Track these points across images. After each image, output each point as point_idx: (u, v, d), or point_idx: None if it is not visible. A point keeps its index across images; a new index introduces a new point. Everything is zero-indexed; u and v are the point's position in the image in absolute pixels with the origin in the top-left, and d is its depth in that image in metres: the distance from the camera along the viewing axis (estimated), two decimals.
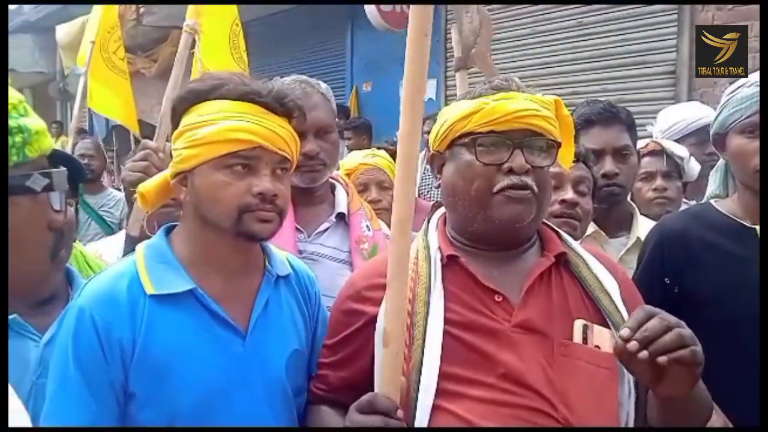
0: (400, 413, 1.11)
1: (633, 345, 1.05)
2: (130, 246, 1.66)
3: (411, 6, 1.14)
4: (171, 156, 1.70)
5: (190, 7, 2.05)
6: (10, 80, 0.77)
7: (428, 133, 1.48)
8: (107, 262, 1.91)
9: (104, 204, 4.35)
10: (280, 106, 1.29)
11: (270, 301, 1.34)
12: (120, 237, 2.41)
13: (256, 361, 1.29)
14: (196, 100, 1.29)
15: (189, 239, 1.32)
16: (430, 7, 1.14)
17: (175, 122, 1.33)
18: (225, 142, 1.24)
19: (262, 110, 1.27)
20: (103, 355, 1.20)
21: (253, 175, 1.26)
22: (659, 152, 2.37)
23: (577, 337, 1.22)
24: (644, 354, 1.05)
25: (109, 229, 4.26)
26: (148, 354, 1.22)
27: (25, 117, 0.74)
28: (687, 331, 1.09)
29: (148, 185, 1.38)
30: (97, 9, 4.56)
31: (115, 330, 1.21)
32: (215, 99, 1.27)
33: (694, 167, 2.52)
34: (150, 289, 1.25)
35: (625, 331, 1.07)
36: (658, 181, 2.36)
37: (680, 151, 2.45)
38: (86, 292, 1.26)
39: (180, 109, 1.32)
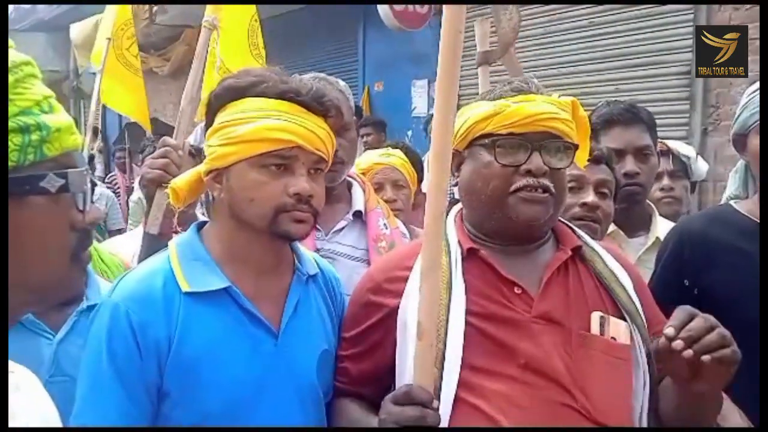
0: (436, 403, 1.11)
1: (678, 344, 1.08)
2: (148, 244, 1.65)
3: (445, 4, 1.15)
4: (191, 154, 1.69)
5: (210, 3, 2.04)
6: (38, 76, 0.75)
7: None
8: (123, 258, 1.92)
9: None
10: (318, 106, 1.27)
11: (300, 301, 1.33)
12: (135, 234, 2.42)
13: (287, 360, 1.28)
14: (234, 97, 1.27)
15: (222, 237, 1.31)
16: (464, 6, 1.14)
17: (210, 119, 1.32)
18: (263, 141, 1.22)
19: (301, 109, 1.25)
20: (138, 353, 1.19)
21: (289, 175, 1.24)
22: (666, 152, 2.37)
23: (595, 328, 1.26)
24: (689, 353, 1.08)
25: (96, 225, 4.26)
26: (183, 353, 1.20)
27: (48, 114, 0.72)
28: (727, 332, 1.12)
29: (180, 181, 1.36)
30: (112, 6, 4.56)
31: (152, 328, 1.20)
32: (253, 96, 1.25)
33: (701, 167, 2.53)
34: (185, 287, 1.23)
35: (669, 330, 1.10)
36: (665, 181, 2.39)
37: (687, 150, 2.46)
38: (121, 289, 1.24)
39: (216, 105, 1.30)
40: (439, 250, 1.18)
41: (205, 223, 1.37)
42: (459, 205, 1.44)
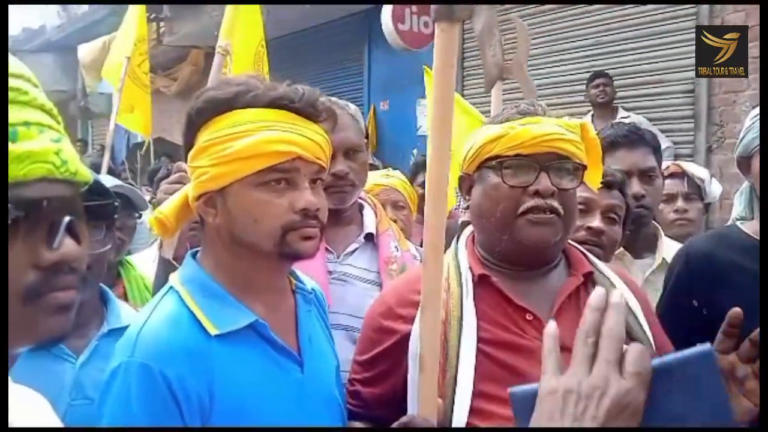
0: None
1: None
2: (164, 269, 1.67)
3: (435, 38, 1.15)
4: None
5: (223, 29, 2.07)
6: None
7: None
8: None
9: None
10: (313, 111, 1.19)
11: (308, 320, 1.29)
12: (142, 258, 2.43)
13: (314, 384, 1.24)
14: (219, 111, 1.17)
15: (223, 266, 1.22)
16: (455, 40, 1.15)
17: (190, 138, 1.21)
18: (261, 155, 1.13)
19: (295, 117, 1.17)
20: (180, 416, 1.08)
21: (292, 190, 1.17)
22: (680, 174, 2.38)
23: None
24: None
25: None
26: (225, 402, 1.12)
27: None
28: None
29: (166, 210, 1.25)
30: (130, 23, 4.50)
31: (192, 384, 1.09)
32: (242, 108, 1.16)
33: (715, 189, 2.53)
34: (213, 330, 1.13)
35: None
36: (679, 203, 2.39)
37: (701, 172, 2.47)
38: (144, 347, 1.10)
39: (198, 122, 1.19)
40: (438, 284, 1.18)
41: (197, 251, 1.28)
42: (471, 228, 1.44)
